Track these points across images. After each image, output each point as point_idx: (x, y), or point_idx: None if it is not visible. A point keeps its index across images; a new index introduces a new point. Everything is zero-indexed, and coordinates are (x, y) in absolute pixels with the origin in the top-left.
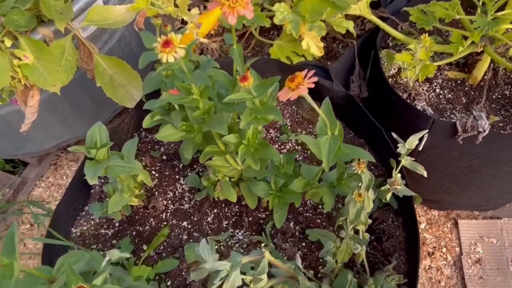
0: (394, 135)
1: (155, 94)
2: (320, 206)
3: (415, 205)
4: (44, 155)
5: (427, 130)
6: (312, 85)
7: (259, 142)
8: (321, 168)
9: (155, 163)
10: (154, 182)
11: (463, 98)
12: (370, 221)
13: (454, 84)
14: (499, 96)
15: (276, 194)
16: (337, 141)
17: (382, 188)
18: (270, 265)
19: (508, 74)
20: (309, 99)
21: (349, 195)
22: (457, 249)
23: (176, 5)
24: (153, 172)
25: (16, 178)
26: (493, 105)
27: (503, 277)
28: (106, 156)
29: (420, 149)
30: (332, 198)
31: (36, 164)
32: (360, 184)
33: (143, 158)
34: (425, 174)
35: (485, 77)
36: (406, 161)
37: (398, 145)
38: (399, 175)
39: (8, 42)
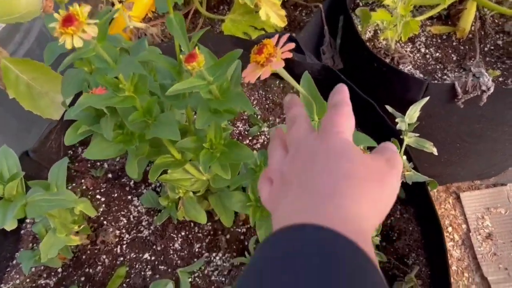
0: (389, 108)
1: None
2: None
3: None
4: None
5: (428, 97)
6: (290, 55)
7: (226, 143)
8: None
9: (99, 185)
10: (101, 209)
11: (453, 55)
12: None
13: (440, 41)
14: (492, 48)
15: (257, 206)
16: None
17: None
18: None
19: (497, 21)
20: (286, 75)
21: None
22: (464, 226)
23: None
24: (98, 196)
25: None
26: (488, 59)
27: None
28: (21, 190)
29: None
30: None
31: None
32: None
33: (83, 180)
34: (435, 151)
35: (473, 27)
36: (410, 139)
37: (397, 120)
38: (404, 157)
39: None
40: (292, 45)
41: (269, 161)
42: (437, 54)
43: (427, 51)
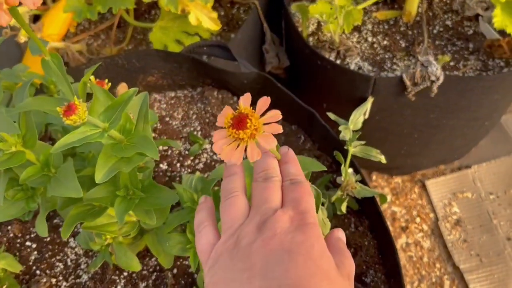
0: (331, 115)
1: None
2: None
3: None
4: None
5: (372, 99)
6: (280, 129)
7: (145, 185)
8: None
9: (27, 230)
10: (32, 257)
11: (401, 42)
12: None
13: (387, 27)
14: (441, 30)
15: None
16: None
17: (334, 197)
18: None
19: (445, 0)
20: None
21: None
22: (432, 215)
23: None
24: (28, 243)
25: None
26: (437, 42)
27: (488, 234)
28: None
29: (366, 117)
30: None
31: None
32: None
33: (9, 227)
34: (383, 160)
35: (420, 9)
36: (355, 149)
37: (340, 128)
38: (350, 170)
39: None
40: (278, 115)
41: (200, 239)
42: (385, 42)
43: (374, 39)
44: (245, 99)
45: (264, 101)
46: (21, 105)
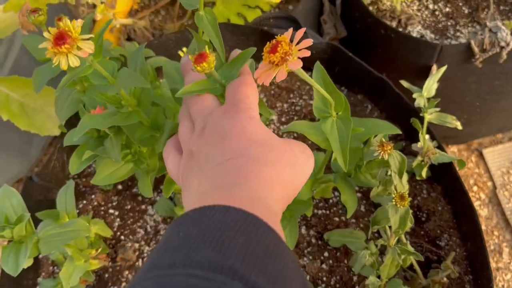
0: (404, 83)
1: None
2: (332, 197)
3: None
4: None
5: (444, 67)
6: (307, 53)
7: None
8: (327, 155)
9: (109, 198)
10: (116, 224)
11: (464, 8)
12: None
13: None
14: None
15: None
16: (347, 123)
17: (414, 163)
18: None
19: None
20: (305, 76)
21: (376, 188)
22: (489, 183)
23: None
24: (111, 211)
25: None
26: (502, 7)
27: None
28: (30, 228)
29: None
30: (353, 196)
31: None
32: (388, 172)
33: (93, 196)
34: (459, 126)
35: None
36: (431, 116)
37: (414, 95)
38: (427, 136)
39: None
40: (309, 42)
41: (179, 129)
42: (447, 9)
43: (435, 6)
44: (287, 34)
45: (301, 32)
46: (137, 67)
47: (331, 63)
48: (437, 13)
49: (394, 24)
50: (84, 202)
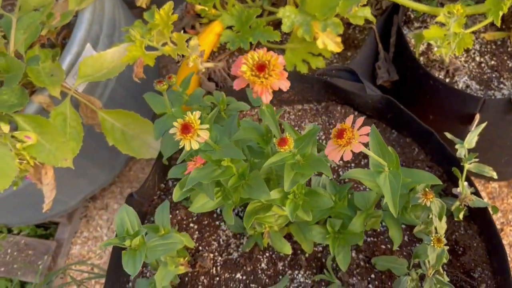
0: (448, 135)
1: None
2: (380, 228)
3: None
4: (72, 211)
5: (484, 123)
6: (366, 139)
7: (306, 192)
8: (377, 196)
9: (190, 214)
10: (195, 235)
11: (508, 62)
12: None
13: (494, 47)
14: None
15: (335, 237)
16: (398, 177)
17: (453, 206)
18: None
19: None
20: (367, 152)
21: (419, 226)
22: None
23: (173, 43)
24: (191, 225)
25: (52, 242)
26: None
27: None
28: (143, 241)
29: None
30: (399, 231)
31: (67, 222)
32: (430, 216)
33: (177, 211)
34: (495, 175)
35: None
36: (470, 165)
37: (456, 146)
38: (466, 183)
39: (5, 127)
40: (367, 129)
41: None
42: (493, 62)
43: (482, 59)
44: (348, 120)
45: (359, 121)
46: (236, 135)
47: (384, 111)
48: (483, 65)
49: (442, 73)
50: (170, 216)
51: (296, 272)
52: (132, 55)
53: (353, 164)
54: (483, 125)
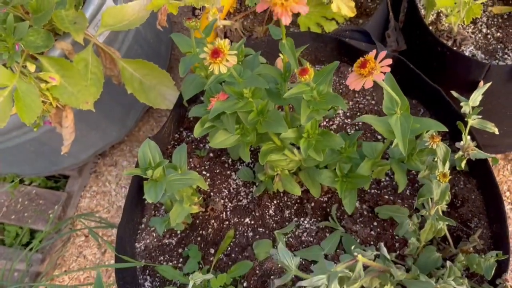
0: (454, 93)
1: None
2: (384, 181)
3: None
4: (82, 165)
5: (490, 83)
6: (388, 69)
7: (319, 132)
8: (386, 144)
9: (203, 163)
10: (207, 182)
11: None
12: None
13: (501, 20)
14: None
15: (343, 181)
16: (408, 119)
17: (456, 156)
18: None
19: None
20: (383, 85)
21: (423, 172)
22: None
23: None
24: (204, 172)
25: (62, 193)
26: None
27: None
28: (163, 173)
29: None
30: (404, 176)
31: (77, 175)
32: (435, 159)
33: (190, 159)
34: (496, 131)
35: None
36: (474, 121)
37: (461, 104)
38: (468, 137)
39: (31, 67)
40: (389, 61)
41: None
42: (499, 33)
43: (488, 31)
44: (372, 53)
45: (382, 54)
46: (257, 70)
47: (394, 72)
48: (489, 36)
49: (450, 43)
50: None
51: (302, 219)
52: (156, 3)
53: (356, 127)
54: (488, 84)
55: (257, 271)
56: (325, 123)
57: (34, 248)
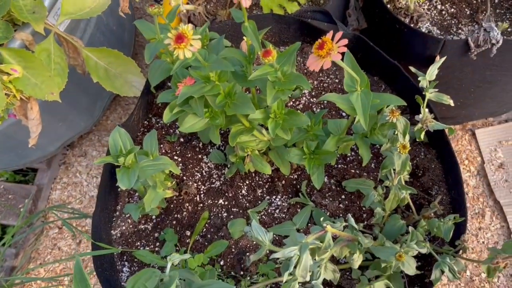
0: (412, 69)
1: (161, 81)
2: (349, 156)
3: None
4: (51, 157)
5: (444, 57)
6: (345, 49)
7: (286, 112)
8: (349, 121)
9: (174, 148)
10: (180, 167)
11: (466, 10)
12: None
13: None
14: (501, 0)
15: (311, 158)
16: (368, 95)
17: (416, 128)
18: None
19: None
20: (342, 64)
21: (385, 145)
22: (479, 158)
23: None
24: (175, 157)
25: (32, 187)
26: (498, 11)
27: None
28: (135, 160)
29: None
30: (368, 150)
31: (46, 168)
32: (396, 132)
33: (161, 145)
34: (451, 103)
35: None
36: (431, 94)
37: (419, 78)
38: (426, 110)
39: None
40: (345, 41)
41: None
42: (452, 9)
43: (443, 7)
44: (329, 34)
45: (339, 34)
46: (222, 53)
47: (355, 50)
48: (443, 12)
49: (407, 20)
50: None
51: (274, 197)
52: None
53: (321, 106)
54: (443, 58)
55: (233, 250)
56: (291, 103)
57: (6, 243)
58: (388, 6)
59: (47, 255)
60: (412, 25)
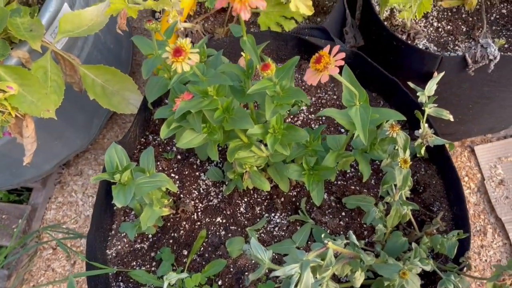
0: (411, 84)
1: (158, 98)
2: (349, 172)
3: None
4: (46, 176)
5: (441, 73)
6: (342, 63)
7: (285, 127)
8: (348, 136)
9: (171, 165)
10: (177, 185)
11: (462, 27)
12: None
13: (450, 14)
14: (497, 17)
15: (310, 173)
16: (367, 110)
17: (416, 143)
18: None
19: None
20: (340, 78)
21: (386, 160)
22: (478, 175)
23: None
24: (172, 175)
25: (26, 207)
26: (494, 27)
27: None
28: (131, 177)
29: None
30: (368, 166)
31: (41, 187)
32: (396, 147)
33: (158, 162)
34: (451, 118)
35: None
36: (430, 109)
37: (418, 94)
38: (426, 125)
39: None
40: (343, 55)
41: None
42: (449, 26)
43: (439, 24)
44: (326, 49)
45: (336, 48)
46: (220, 68)
47: (353, 66)
48: (440, 30)
49: (404, 37)
50: None
51: (273, 214)
52: (115, 7)
53: (320, 122)
54: (442, 74)
55: (231, 269)
56: (290, 119)
57: None
58: (385, 23)
59: (40, 277)
60: (409, 42)
